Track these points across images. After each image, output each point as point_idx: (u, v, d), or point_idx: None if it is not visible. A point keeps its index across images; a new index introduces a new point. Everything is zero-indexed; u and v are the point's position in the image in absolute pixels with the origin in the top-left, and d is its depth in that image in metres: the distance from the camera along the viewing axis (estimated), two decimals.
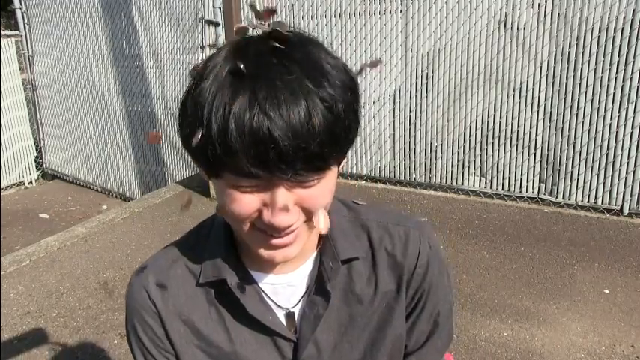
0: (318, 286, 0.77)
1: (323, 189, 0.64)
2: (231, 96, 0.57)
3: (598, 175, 3.82)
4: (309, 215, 0.66)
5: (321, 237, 0.78)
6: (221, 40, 4.45)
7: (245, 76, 0.58)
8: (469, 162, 4.28)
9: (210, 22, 4.74)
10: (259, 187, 0.62)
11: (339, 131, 0.60)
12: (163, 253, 0.82)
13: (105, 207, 5.58)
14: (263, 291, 0.78)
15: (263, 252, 0.69)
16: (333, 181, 0.67)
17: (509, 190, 4.18)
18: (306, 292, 0.78)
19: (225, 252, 0.77)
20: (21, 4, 6.21)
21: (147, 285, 0.79)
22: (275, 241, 0.66)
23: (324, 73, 0.60)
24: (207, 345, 0.79)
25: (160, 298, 0.78)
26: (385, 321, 0.81)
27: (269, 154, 0.57)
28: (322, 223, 0.67)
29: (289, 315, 0.79)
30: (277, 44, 0.60)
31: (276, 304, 0.79)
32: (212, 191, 4.30)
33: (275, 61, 0.59)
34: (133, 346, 0.82)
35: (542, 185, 4.06)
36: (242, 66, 0.58)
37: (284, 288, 0.78)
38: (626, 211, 3.77)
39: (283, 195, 0.62)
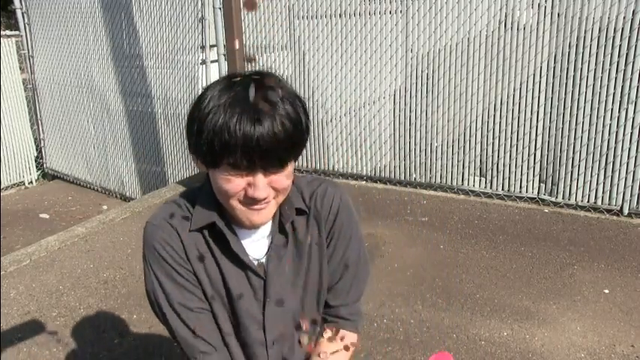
0: (280, 227, 1.06)
1: (286, 175, 0.96)
2: (231, 113, 0.88)
3: (598, 175, 3.82)
4: (276, 191, 0.97)
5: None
6: (221, 40, 4.46)
7: (239, 99, 0.89)
8: (469, 162, 4.28)
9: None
10: (245, 174, 0.93)
11: (297, 138, 0.93)
12: (161, 210, 1.07)
13: (105, 207, 5.58)
14: (239, 239, 1.06)
15: (244, 217, 0.99)
16: (292, 170, 0.99)
17: (509, 190, 4.18)
18: (270, 245, 1.07)
19: (213, 209, 1.03)
20: (21, 4, 6.21)
21: (168, 219, 1.04)
22: (254, 207, 0.97)
23: (286, 98, 0.91)
24: (208, 274, 1.05)
25: (181, 230, 1.04)
26: (314, 256, 1.10)
27: (254, 153, 0.89)
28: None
29: (260, 265, 1.07)
30: (257, 77, 0.93)
31: (250, 256, 1.06)
32: None
33: (256, 90, 0.90)
34: (154, 267, 1.04)
35: (542, 185, 4.07)
36: (234, 92, 0.90)
37: (254, 241, 1.07)
38: (626, 211, 3.77)
39: (261, 178, 0.93)
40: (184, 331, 1.04)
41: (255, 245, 1.07)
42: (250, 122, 0.87)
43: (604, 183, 3.82)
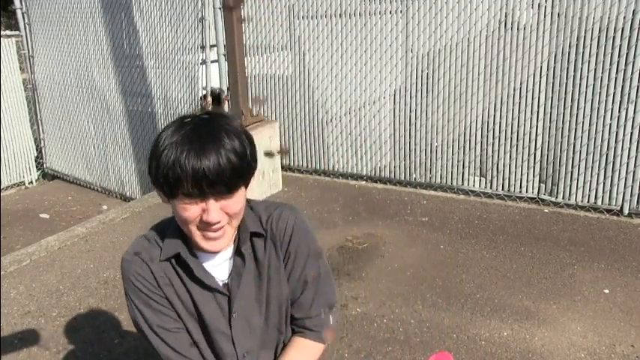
0: (237, 250, 1.18)
1: (236, 201, 1.09)
2: (181, 150, 1.01)
3: (598, 175, 3.82)
4: (230, 216, 1.09)
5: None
6: (221, 40, 4.46)
7: (188, 137, 1.02)
8: (469, 162, 4.28)
9: None
10: (199, 201, 1.05)
11: (243, 168, 1.06)
12: (133, 246, 1.20)
13: (105, 207, 5.58)
14: (202, 265, 1.18)
15: (203, 243, 1.11)
16: (243, 196, 1.12)
17: (509, 190, 4.18)
18: (232, 266, 1.19)
19: (179, 239, 1.17)
20: (21, 4, 6.21)
21: (139, 253, 1.18)
22: (210, 234, 1.10)
23: (232, 134, 1.05)
24: (179, 298, 1.18)
25: (150, 262, 1.17)
26: (273, 275, 1.22)
27: (203, 183, 1.01)
28: None
29: (225, 285, 1.20)
30: (206, 116, 1.07)
31: (215, 278, 1.19)
32: None
33: (205, 127, 1.04)
34: (132, 297, 1.17)
35: (542, 185, 4.06)
36: (184, 131, 1.04)
37: (217, 265, 1.20)
38: (626, 211, 3.77)
39: (213, 204, 1.06)
40: (166, 350, 1.18)
41: (219, 268, 1.20)
42: (197, 157, 1.00)
43: (604, 183, 3.81)
